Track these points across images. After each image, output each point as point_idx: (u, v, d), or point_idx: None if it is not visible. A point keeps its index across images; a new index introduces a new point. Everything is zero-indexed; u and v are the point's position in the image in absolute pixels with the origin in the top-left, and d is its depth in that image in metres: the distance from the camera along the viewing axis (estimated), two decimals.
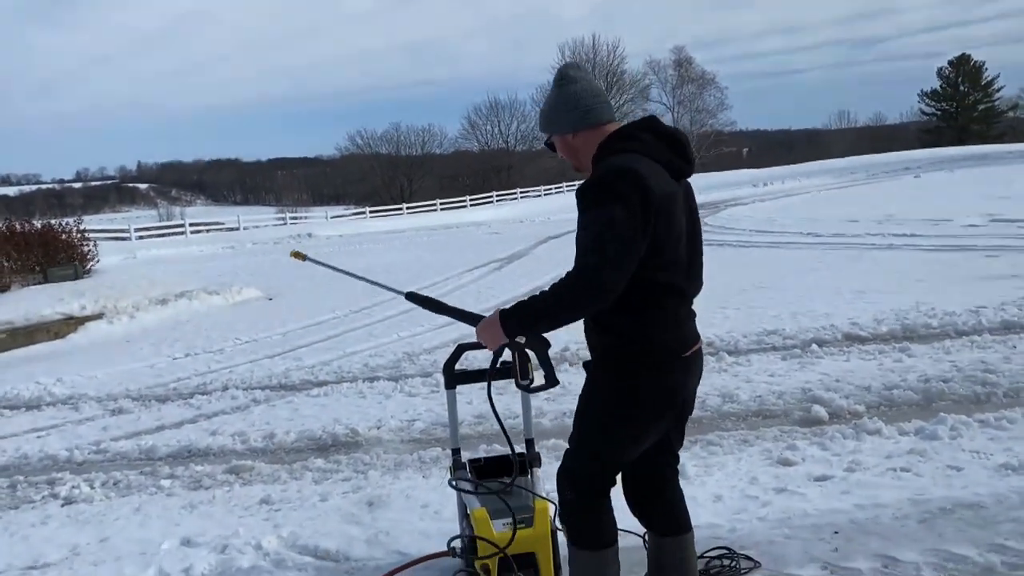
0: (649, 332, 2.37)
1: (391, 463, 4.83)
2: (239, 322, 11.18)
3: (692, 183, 2.62)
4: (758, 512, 3.63)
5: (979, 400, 5.08)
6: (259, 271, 18.22)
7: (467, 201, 45.44)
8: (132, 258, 24.18)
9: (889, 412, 5.03)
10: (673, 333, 2.41)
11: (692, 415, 2.69)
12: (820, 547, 3.24)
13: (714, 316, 8.38)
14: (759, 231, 16.79)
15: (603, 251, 2.19)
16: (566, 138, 2.53)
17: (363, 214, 43.09)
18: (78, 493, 4.74)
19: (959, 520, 3.38)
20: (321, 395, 6.69)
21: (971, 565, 3.00)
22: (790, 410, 5.19)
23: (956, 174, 28.82)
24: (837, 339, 6.93)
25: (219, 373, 7.90)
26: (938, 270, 9.96)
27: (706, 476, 4.12)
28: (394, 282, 12.92)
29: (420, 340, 8.73)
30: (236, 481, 4.78)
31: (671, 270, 2.38)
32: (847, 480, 3.91)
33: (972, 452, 4.13)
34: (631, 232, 2.21)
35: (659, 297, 2.36)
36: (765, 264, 12.09)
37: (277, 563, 3.54)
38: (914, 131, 74.35)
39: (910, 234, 13.59)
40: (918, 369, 5.78)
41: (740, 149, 77.20)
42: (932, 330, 6.93)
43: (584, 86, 2.49)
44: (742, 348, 6.92)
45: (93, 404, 7.05)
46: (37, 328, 11.55)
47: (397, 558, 3.39)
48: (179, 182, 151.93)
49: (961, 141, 60.42)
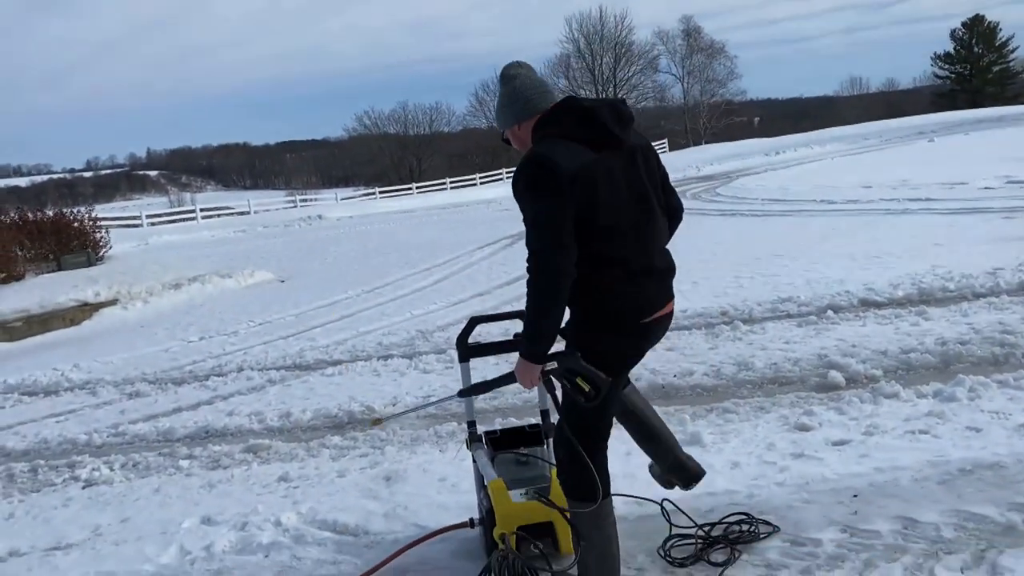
0: (599, 300, 2.50)
1: (407, 438, 4.84)
2: (252, 304, 11.22)
3: (702, 153, 2.67)
4: (776, 478, 3.62)
5: (997, 361, 5.03)
6: (271, 254, 18.26)
7: (477, 179, 45.31)
8: (144, 245, 24.28)
9: (907, 375, 4.98)
10: (626, 300, 2.51)
11: (707, 384, 2.72)
12: (839, 511, 3.22)
13: (728, 286, 8.34)
14: (772, 200, 16.63)
15: (541, 239, 2.39)
16: (514, 130, 2.70)
17: (373, 195, 43.08)
18: (98, 475, 4.78)
19: (979, 480, 3.35)
20: (336, 374, 6.71)
21: (992, 524, 2.98)
22: (806, 376, 5.16)
23: (971, 137, 28.41)
24: (853, 305, 6.87)
25: (234, 355, 7.94)
26: (954, 233, 9.84)
27: (722, 443, 4.11)
28: (406, 262, 12.97)
29: (433, 318, 8.73)
30: (254, 460, 4.81)
31: (608, 239, 2.47)
32: (865, 444, 3.88)
33: (991, 413, 4.10)
34: (555, 214, 2.39)
35: (600, 267, 2.47)
36: (779, 233, 11.99)
37: (297, 538, 3.57)
38: (928, 95, 73.31)
39: (925, 198, 13.43)
40: (935, 332, 5.73)
41: (751, 118, 76.41)
42: (949, 293, 6.86)
43: (524, 80, 2.67)
44: (756, 316, 6.88)
45: (110, 388, 7.10)
46: (52, 315, 11.64)
47: (415, 531, 3.40)
48: (189, 168, 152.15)
49: (976, 104, 59.48)
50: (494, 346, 3.71)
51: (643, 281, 2.54)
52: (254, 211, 36.98)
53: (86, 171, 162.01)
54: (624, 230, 2.50)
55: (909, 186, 15.38)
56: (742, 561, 2.92)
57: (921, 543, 2.91)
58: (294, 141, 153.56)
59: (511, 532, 2.85)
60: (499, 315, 3.67)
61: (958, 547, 2.85)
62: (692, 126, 64.49)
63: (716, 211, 16.36)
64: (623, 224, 2.49)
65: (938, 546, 2.87)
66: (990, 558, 2.75)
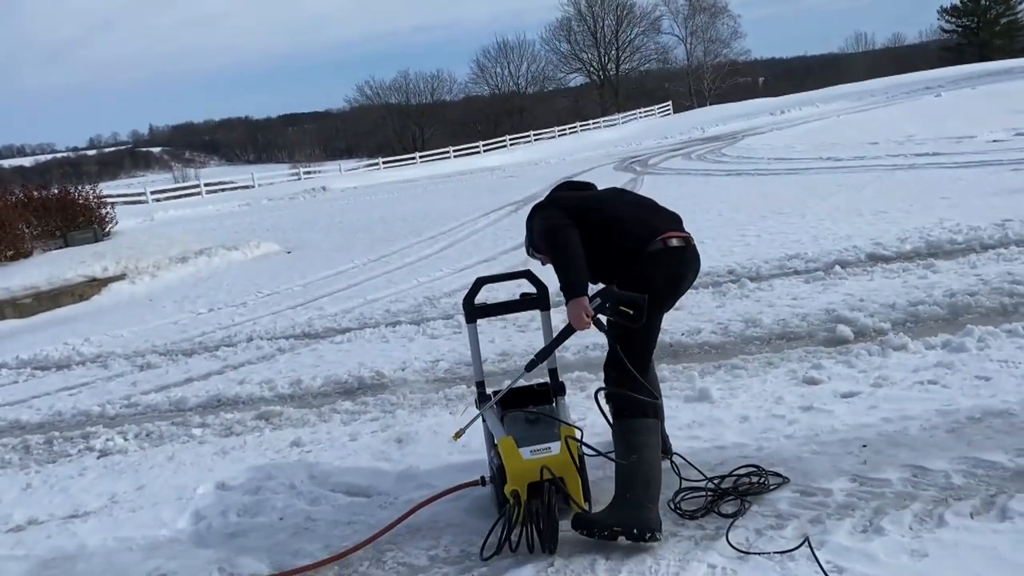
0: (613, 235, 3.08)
1: (418, 402, 4.87)
2: (259, 276, 11.25)
3: (707, 114, 3.09)
4: (785, 430, 3.63)
5: (1006, 311, 5.01)
6: (276, 226, 18.27)
7: (480, 147, 45.05)
8: (150, 220, 24.31)
9: (915, 328, 4.97)
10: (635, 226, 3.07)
11: (715, 342, 2.88)
12: (849, 461, 3.23)
13: (735, 244, 8.32)
14: (778, 159, 16.51)
15: (540, 225, 3.15)
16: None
17: (376, 166, 42.91)
18: (112, 445, 4.83)
19: (988, 428, 3.35)
20: (344, 342, 6.74)
21: (1001, 470, 2.99)
22: (814, 331, 5.15)
23: (979, 90, 28.06)
24: (860, 260, 6.84)
25: (243, 325, 7.97)
26: (962, 187, 9.76)
27: (731, 399, 4.12)
28: (412, 231, 12.95)
29: (440, 284, 8.74)
30: (266, 427, 4.85)
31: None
32: (874, 395, 3.89)
33: (1000, 362, 4.09)
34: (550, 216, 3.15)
35: (605, 212, 3.18)
36: (785, 191, 11.92)
37: (311, 501, 3.60)
38: (935, 50, 72.26)
39: (932, 153, 13.31)
40: (943, 284, 5.71)
41: (756, 78, 75.56)
42: (957, 246, 6.82)
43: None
44: (764, 274, 6.87)
45: (121, 361, 7.15)
46: (61, 291, 11.70)
47: (427, 491, 3.42)
48: (191, 144, 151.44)
49: (984, 57, 58.62)
50: (500, 306, 3.71)
51: (646, 215, 3.13)
52: (258, 184, 36.94)
53: (89, 149, 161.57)
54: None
55: (916, 141, 15.25)
56: (752, 512, 2.94)
57: (931, 490, 2.92)
58: (296, 114, 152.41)
59: (523, 488, 2.88)
60: (504, 275, 3.66)
61: (968, 493, 2.86)
62: (696, 88, 63.89)
63: (722, 171, 16.27)
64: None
65: (948, 492, 2.88)
66: (1000, 503, 2.75)
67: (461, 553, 2.95)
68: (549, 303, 3.49)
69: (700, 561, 2.66)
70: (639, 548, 2.76)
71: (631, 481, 2.85)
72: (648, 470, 2.86)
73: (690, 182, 15.16)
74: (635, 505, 2.80)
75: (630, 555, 2.74)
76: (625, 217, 3.11)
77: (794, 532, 2.75)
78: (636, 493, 2.82)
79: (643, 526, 2.74)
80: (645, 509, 2.79)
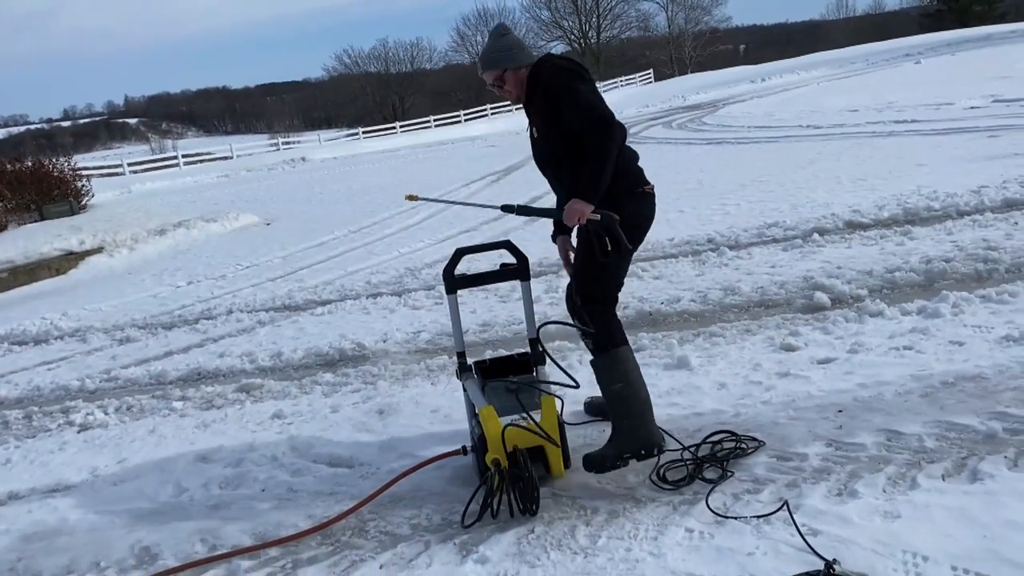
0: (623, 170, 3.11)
1: (399, 373, 4.88)
2: (239, 248, 11.17)
3: (687, 82, 3.15)
4: (762, 396, 3.67)
5: (981, 277, 5.07)
6: (255, 198, 18.11)
7: (461, 116, 44.69)
8: (127, 193, 24.01)
9: (891, 294, 5.03)
10: (636, 171, 3.22)
11: (693, 310, 3.53)
12: (824, 426, 3.28)
13: (714, 213, 8.34)
14: (758, 127, 16.51)
15: (606, 111, 2.94)
16: (520, 72, 3.22)
17: (356, 135, 42.48)
18: (93, 419, 4.81)
19: (961, 392, 3.41)
20: (325, 313, 6.73)
21: (973, 433, 3.04)
22: (792, 299, 5.19)
23: (958, 57, 28.11)
24: (838, 227, 6.88)
25: (222, 298, 7.93)
26: (939, 153, 9.82)
27: (709, 366, 4.16)
28: (391, 202, 12.88)
29: (421, 255, 8.72)
30: (247, 399, 4.84)
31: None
32: (850, 361, 3.94)
33: (974, 327, 4.15)
34: (600, 95, 3.05)
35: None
36: (764, 159, 11.94)
37: (293, 472, 3.62)
38: (915, 16, 72.18)
39: (911, 120, 13.35)
40: (920, 251, 5.76)
41: (737, 46, 75.35)
42: (934, 212, 6.88)
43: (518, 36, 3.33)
44: (743, 242, 6.90)
45: (100, 335, 7.10)
46: (38, 265, 11.58)
47: (410, 460, 3.45)
48: (168, 114, 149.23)
49: (963, 23, 58.69)
50: (480, 277, 3.72)
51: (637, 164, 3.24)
52: (236, 156, 36.51)
53: (64, 120, 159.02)
54: None
55: (895, 108, 15.29)
56: (729, 477, 2.98)
57: (904, 454, 2.97)
58: (274, 83, 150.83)
59: (503, 457, 2.90)
60: (483, 246, 3.66)
61: (940, 456, 2.92)
62: (677, 56, 63.52)
63: (702, 140, 16.25)
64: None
65: (920, 456, 2.94)
66: (971, 465, 2.81)
67: (443, 521, 2.98)
68: (529, 273, 3.50)
69: (678, 526, 2.70)
70: (617, 513, 2.81)
71: (626, 407, 3.04)
72: (638, 391, 3.07)
73: (671, 151, 15.13)
74: (634, 428, 3.02)
75: (610, 520, 2.79)
76: (630, 156, 3.19)
77: (771, 496, 2.80)
78: (633, 416, 3.03)
79: (648, 444, 3.00)
80: (645, 428, 3.02)
